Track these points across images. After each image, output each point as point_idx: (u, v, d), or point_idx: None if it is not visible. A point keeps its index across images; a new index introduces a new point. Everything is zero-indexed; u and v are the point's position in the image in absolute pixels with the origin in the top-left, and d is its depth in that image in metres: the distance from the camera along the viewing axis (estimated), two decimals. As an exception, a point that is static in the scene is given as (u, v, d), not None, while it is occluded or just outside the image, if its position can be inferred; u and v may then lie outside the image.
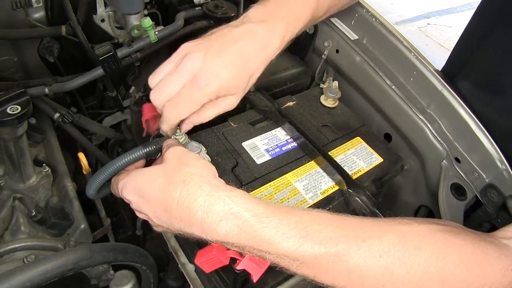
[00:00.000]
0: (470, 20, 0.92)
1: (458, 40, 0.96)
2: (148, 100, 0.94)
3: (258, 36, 0.70)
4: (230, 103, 0.73)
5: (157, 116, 0.77)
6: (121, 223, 1.27)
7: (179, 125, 0.74)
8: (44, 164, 0.93)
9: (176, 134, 0.75)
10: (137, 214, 0.67)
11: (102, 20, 1.11)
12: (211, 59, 0.66)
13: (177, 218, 0.59)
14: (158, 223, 0.64)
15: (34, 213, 0.81)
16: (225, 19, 1.12)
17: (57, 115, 0.99)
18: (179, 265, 0.89)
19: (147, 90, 0.97)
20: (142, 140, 0.94)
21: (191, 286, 0.87)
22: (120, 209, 1.28)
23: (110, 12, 1.11)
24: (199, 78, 0.66)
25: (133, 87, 1.24)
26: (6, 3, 1.04)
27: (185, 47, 0.69)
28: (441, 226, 0.59)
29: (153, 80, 0.70)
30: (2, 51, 1.10)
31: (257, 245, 0.56)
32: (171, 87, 0.67)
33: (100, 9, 1.10)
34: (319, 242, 0.55)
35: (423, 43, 4.21)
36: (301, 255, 0.55)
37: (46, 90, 0.96)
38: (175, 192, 0.59)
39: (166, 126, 0.72)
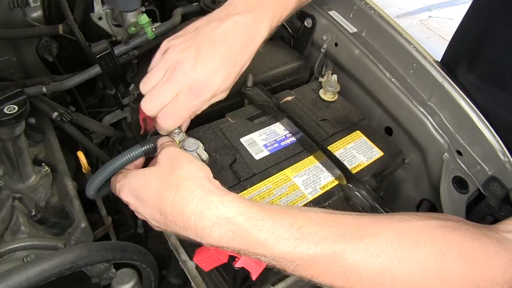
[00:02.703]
0: (468, 10, 0.91)
1: (457, 30, 0.94)
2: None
3: (245, 29, 0.69)
4: (221, 97, 0.73)
5: None
6: (123, 221, 1.27)
7: None
8: (43, 164, 0.93)
9: (173, 132, 0.75)
10: (136, 214, 0.67)
11: (100, 18, 1.11)
12: (202, 65, 0.66)
13: (172, 222, 0.59)
14: (156, 225, 0.64)
15: (34, 213, 0.81)
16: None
17: (55, 114, 0.99)
18: (180, 263, 0.89)
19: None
20: (142, 138, 0.93)
21: (192, 284, 0.87)
22: (122, 207, 1.28)
23: (108, 10, 1.11)
24: (193, 89, 0.66)
25: (132, 85, 1.24)
26: (3, 3, 1.04)
27: (172, 52, 0.67)
28: (441, 221, 0.58)
29: (144, 88, 0.69)
30: (1, 51, 1.10)
31: (252, 249, 0.56)
32: (164, 97, 0.67)
33: (97, 7, 1.09)
34: (315, 243, 0.54)
35: (425, 36, 4.19)
36: (297, 257, 0.54)
37: (44, 89, 0.95)
38: (168, 197, 0.59)
39: (162, 132, 0.72)
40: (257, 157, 0.81)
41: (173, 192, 0.58)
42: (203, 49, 0.66)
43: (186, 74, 0.65)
